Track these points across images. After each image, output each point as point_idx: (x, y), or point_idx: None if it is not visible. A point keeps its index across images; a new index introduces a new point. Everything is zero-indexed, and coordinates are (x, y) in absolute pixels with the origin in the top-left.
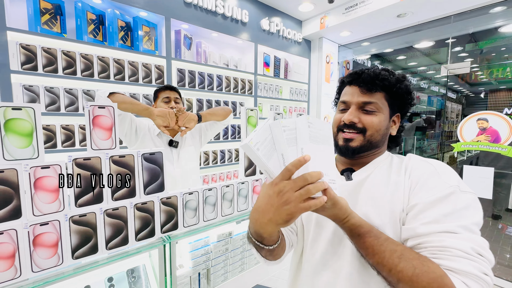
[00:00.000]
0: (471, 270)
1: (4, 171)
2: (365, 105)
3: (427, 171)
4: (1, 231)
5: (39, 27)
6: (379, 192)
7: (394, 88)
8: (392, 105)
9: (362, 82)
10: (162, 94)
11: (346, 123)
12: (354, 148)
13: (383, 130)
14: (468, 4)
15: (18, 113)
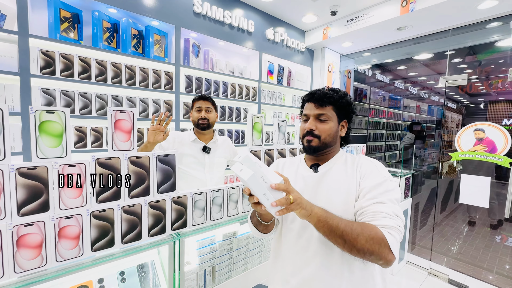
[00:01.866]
0: (392, 224)
1: (37, 168)
2: (319, 116)
3: (371, 167)
4: (31, 223)
5: (58, 34)
6: (339, 181)
7: (338, 102)
8: (339, 114)
9: (315, 99)
10: (195, 104)
11: (308, 131)
12: (314, 147)
13: (333, 133)
14: (465, 20)
15: (51, 116)
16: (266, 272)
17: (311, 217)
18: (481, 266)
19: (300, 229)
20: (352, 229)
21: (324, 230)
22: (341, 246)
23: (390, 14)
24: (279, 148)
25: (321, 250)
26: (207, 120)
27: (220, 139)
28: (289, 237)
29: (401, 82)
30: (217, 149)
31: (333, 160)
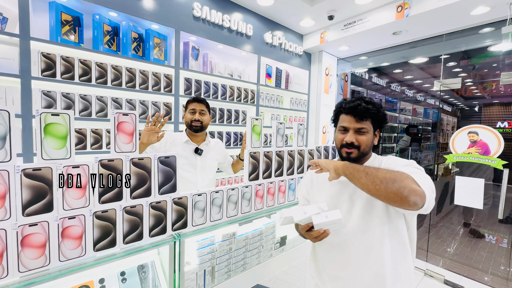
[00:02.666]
0: (420, 175)
1: (42, 169)
2: (360, 129)
3: (397, 159)
4: (36, 223)
5: (59, 37)
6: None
7: (377, 116)
8: (374, 126)
9: (357, 114)
10: (190, 105)
11: (348, 143)
12: (353, 158)
13: (370, 143)
14: (458, 25)
15: (56, 118)
16: (265, 273)
17: (340, 168)
18: (476, 267)
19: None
20: (375, 168)
21: (351, 171)
22: (364, 180)
23: (386, 19)
24: (277, 150)
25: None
26: (200, 123)
27: (212, 141)
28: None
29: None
30: (209, 151)
31: (367, 164)
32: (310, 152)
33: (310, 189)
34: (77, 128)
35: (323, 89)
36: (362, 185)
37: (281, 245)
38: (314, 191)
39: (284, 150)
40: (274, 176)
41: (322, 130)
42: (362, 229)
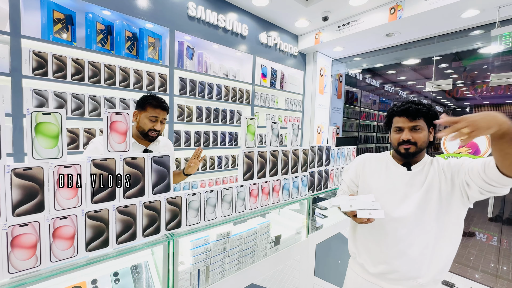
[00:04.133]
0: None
1: (32, 169)
2: (414, 127)
3: (448, 160)
4: (26, 223)
5: (51, 35)
6: (433, 177)
7: (428, 114)
8: (428, 123)
9: (410, 114)
10: (151, 111)
11: (404, 140)
12: (412, 153)
13: (426, 140)
14: (449, 27)
15: (47, 117)
16: (259, 272)
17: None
18: (467, 264)
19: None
20: None
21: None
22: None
23: (379, 20)
24: (271, 150)
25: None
26: (158, 132)
27: (162, 140)
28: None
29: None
30: (158, 151)
31: (423, 161)
32: (304, 152)
33: (361, 172)
34: (70, 128)
35: (317, 90)
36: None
37: (276, 244)
38: (367, 175)
39: (279, 150)
40: (269, 175)
41: (317, 130)
42: (413, 220)
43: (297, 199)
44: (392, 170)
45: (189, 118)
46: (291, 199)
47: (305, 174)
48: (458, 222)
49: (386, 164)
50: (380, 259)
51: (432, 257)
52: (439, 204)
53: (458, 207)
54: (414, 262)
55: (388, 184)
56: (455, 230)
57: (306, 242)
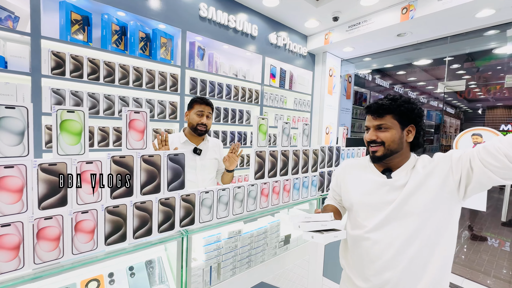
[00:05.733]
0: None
1: (57, 164)
2: (378, 126)
3: (437, 155)
4: (51, 216)
5: (69, 36)
6: (419, 184)
7: (396, 110)
8: (401, 121)
9: (372, 112)
10: (197, 106)
11: (368, 141)
12: (378, 156)
13: (397, 140)
14: (463, 27)
15: (71, 115)
16: (269, 271)
17: None
18: (478, 269)
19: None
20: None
21: None
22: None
23: (390, 20)
24: (282, 149)
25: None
26: (206, 127)
27: (211, 140)
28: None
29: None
30: (208, 150)
31: (406, 166)
32: (314, 152)
33: (341, 182)
34: None
35: (326, 90)
36: None
37: (285, 243)
38: (348, 185)
39: (290, 149)
40: (279, 175)
41: (325, 131)
42: (392, 236)
43: (307, 199)
44: (369, 179)
45: None
46: (301, 199)
47: (315, 174)
48: (450, 223)
49: (365, 172)
50: (366, 274)
51: (424, 267)
52: (422, 212)
53: (449, 207)
54: (401, 276)
55: (366, 195)
56: (448, 234)
57: (315, 242)
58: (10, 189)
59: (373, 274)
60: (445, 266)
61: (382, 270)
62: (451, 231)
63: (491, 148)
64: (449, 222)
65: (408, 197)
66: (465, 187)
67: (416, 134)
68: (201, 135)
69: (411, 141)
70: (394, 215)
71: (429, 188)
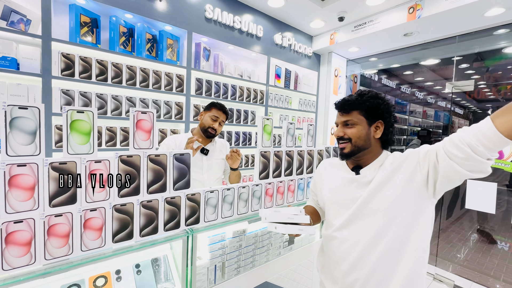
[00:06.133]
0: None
1: (67, 163)
2: (345, 122)
3: (406, 152)
4: (61, 213)
5: (78, 38)
6: (383, 181)
7: (362, 106)
8: (368, 117)
9: (339, 108)
10: (214, 111)
11: (336, 137)
12: (346, 153)
13: (364, 136)
14: (472, 26)
15: (81, 115)
16: (273, 270)
17: None
18: (487, 273)
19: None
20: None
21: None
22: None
23: (397, 20)
24: (287, 150)
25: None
26: (215, 131)
27: (218, 141)
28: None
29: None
30: (215, 151)
31: (376, 162)
32: (319, 152)
33: (317, 180)
34: None
35: (332, 90)
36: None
37: (290, 244)
38: (323, 185)
39: (294, 150)
40: (284, 175)
41: (331, 131)
42: (357, 235)
43: None
44: (340, 176)
45: None
46: (306, 199)
47: None
48: (421, 222)
49: (338, 170)
50: (334, 276)
51: (393, 269)
52: (389, 209)
53: (418, 204)
54: (369, 278)
55: (335, 193)
56: (418, 233)
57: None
58: (23, 186)
59: (340, 275)
60: (418, 268)
61: (348, 271)
62: (422, 231)
63: (455, 139)
64: (419, 220)
65: (373, 194)
66: (433, 183)
67: (385, 130)
68: (209, 138)
69: (381, 138)
70: (360, 212)
71: (395, 184)
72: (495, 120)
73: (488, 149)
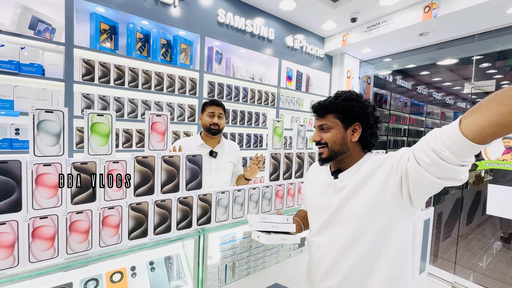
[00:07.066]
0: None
1: (88, 163)
2: (321, 126)
3: (383, 156)
4: (81, 210)
5: (98, 44)
6: (357, 185)
7: (336, 109)
8: (344, 120)
9: (315, 111)
10: (208, 108)
11: (314, 142)
12: (324, 159)
13: (339, 140)
14: (492, 24)
15: (100, 118)
16: (283, 272)
17: None
18: (509, 282)
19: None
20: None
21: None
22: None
23: (412, 20)
24: (298, 152)
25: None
26: (218, 126)
27: (227, 143)
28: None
29: (424, 87)
30: (223, 153)
31: (355, 167)
32: None
33: (305, 184)
34: None
35: None
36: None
37: (300, 246)
38: (307, 186)
39: (305, 152)
40: (294, 177)
41: None
42: (332, 239)
43: None
44: (321, 180)
45: None
46: None
47: None
48: (397, 232)
49: (322, 173)
50: (313, 282)
51: (366, 281)
52: (362, 216)
53: (393, 213)
54: (342, 286)
55: (315, 197)
56: (394, 245)
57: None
58: (48, 185)
59: (316, 281)
60: (396, 281)
61: (323, 277)
62: (399, 242)
63: (422, 143)
64: (396, 230)
65: (346, 199)
66: (407, 190)
67: (363, 133)
68: (215, 134)
69: (360, 141)
70: (334, 218)
71: (369, 190)
72: (462, 121)
73: (455, 154)
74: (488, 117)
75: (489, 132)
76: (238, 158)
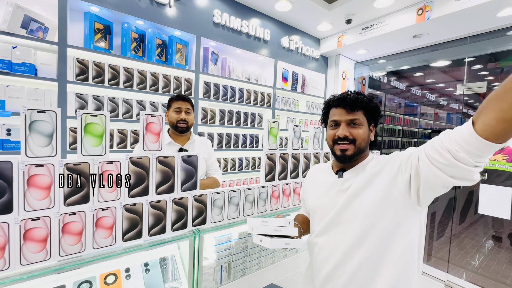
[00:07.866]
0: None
1: (81, 164)
2: (352, 121)
3: (388, 156)
4: (74, 212)
5: (92, 44)
6: (364, 184)
7: (369, 106)
8: (368, 119)
9: (347, 104)
10: (174, 104)
11: (340, 137)
12: (349, 156)
13: (366, 138)
14: (483, 27)
15: (94, 118)
16: (279, 273)
17: None
18: (503, 282)
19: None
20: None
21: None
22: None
23: (405, 22)
24: (293, 152)
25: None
26: (186, 123)
27: (198, 140)
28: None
29: (418, 89)
30: (194, 150)
31: (361, 165)
32: (325, 155)
33: (306, 187)
34: None
35: (339, 93)
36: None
37: None
38: (308, 189)
39: (300, 152)
40: (290, 178)
41: None
42: (336, 241)
43: None
44: (324, 181)
45: (212, 121)
46: None
47: None
48: (404, 232)
49: (324, 174)
50: (315, 285)
51: (371, 282)
52: (368, 215)
53: (400, 212)
54: (347, 286)
55: (318, 198)
56: (401, 245)
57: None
58: (40, 186)
59: (319, 284)
60: (402, 283)
61: (326, 279)
62: (406, 242)
63: (435, 143)
64: (402, 230)
65: (352, 199)
66: (416, 189)
67: (375, 133)
68: (182, 132)
69: (372, 140)
70: (338, 218)
71: (375, 189)
72: (474, 121)
73: (470, 154)
74: (492, 115)
75: (499, 129)
76: (210, 154)
